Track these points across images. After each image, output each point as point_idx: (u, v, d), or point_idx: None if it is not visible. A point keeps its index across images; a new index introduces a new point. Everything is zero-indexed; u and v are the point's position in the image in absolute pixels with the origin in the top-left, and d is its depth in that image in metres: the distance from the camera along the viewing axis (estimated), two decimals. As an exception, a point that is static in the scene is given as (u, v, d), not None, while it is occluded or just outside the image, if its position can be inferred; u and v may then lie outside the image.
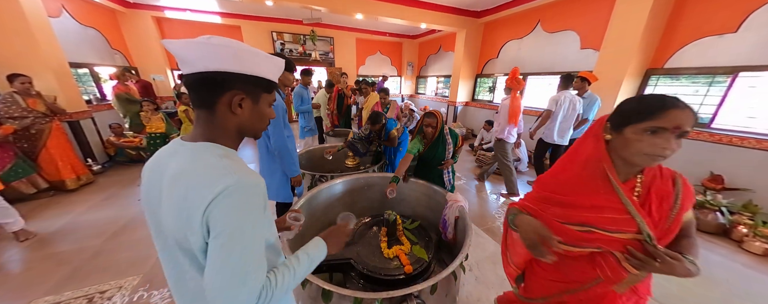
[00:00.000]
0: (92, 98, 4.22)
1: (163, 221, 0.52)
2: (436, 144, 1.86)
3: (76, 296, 1.58)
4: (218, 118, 0.54)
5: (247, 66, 0.52)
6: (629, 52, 3.03)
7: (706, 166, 2.76)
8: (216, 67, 0.50)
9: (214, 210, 0.45)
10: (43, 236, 2.16)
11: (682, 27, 2.93)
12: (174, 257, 0.54)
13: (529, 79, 4.87)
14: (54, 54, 3.07)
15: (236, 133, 0.58)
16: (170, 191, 0.50)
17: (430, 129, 1.83)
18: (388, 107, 3.55)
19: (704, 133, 2.80)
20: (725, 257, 2.09)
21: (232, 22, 5.88)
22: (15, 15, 2.73)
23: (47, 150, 2.85)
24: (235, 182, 0.47)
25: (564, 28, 4.06)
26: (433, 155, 1.89)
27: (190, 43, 0.48)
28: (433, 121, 1.81)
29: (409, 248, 1.43)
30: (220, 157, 0.51)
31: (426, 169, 1.97)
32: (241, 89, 0.53)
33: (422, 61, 8.29)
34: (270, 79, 0.57)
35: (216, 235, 0.46)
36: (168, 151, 0.56)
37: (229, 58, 0.50)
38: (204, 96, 0.53)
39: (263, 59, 0.55)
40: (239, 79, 0.52)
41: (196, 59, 0.49)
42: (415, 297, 0.93)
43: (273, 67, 0.57)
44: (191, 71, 0.50)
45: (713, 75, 2.78)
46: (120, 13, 4.89)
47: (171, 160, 0.53)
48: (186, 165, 0.50)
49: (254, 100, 0.57)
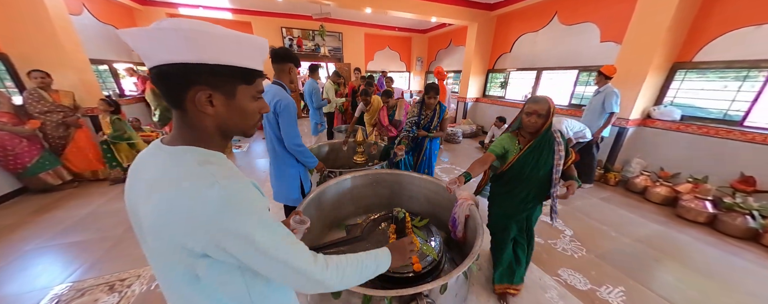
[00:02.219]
0: (111, 94, 4.37)
1: (143, 228, 0.46)
2: (539, 146, 1.28)
3: (97, 283, 1.66)
4: (190, 118, 0.47)
5: (208, 53, 0.42)
6: (654, 45, 2.85)
7: (736, 166, 2.59)
8: (170, 58, 0.41)
9: (212, 231, 0.41)
10: (68, 225, 2.27)
11: (714, 17, 2.72)
12: (158, 262, 0.50)
13: (544, 74, 4.70)
14: (75, 51, 3.18)
15: (217, 133, 0.50)
16: (147, 200, 0.43)
17: (533, 119, 1.24)
18: (395, 110, 2.92)
19: (735, 132, 2.62)
20: (754, 263, 1.97)
21: (242, 18, 5.94)
22: (39, 13, 2.84)
23: (76, 143, 3.00)
24: (218, 196, 0.41)
25: (583, 20, 3.87)
26: (534, 164, 1.29)
27: (141, 32, 0.40)
28: (541, 108, 1.21)
29: (418, 246, 1.41)
30: (201, 163, 0.45)
31: (518, 185, 1.36)
32: (205, 83, 0.44)
33: (432, 57, 8.13)
34: (246, 67, 0.47)
35: (236, 249, 0.43)
36: (148, 154, 0.50)
37: (182, 45, 0.40)
38: (168, 94, 0.45)
39: (232, 42, 0.44)
40: (200, 70, 0.42)
41: (151, 50, 0.41)
42: (425, 296, 0.91)
43: (249, 52, 0.46)
44: (150, 66, 0.42)
45: (748, 69, 2.58)
46: (136, 10, 5.02)
47: (149, 165, 0.48)
48: (164, 173, 0.44)
49: (228, 95, 0.47)
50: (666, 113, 3.07)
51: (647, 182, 3.03)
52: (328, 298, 0.98)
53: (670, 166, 3.06)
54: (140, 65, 5.06)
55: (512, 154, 1.35)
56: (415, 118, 2.07)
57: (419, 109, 2.14)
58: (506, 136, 1.38)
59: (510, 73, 5.35)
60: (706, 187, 2.60)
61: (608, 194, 3.11)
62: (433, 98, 2.03)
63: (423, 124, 2.17)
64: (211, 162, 0.46)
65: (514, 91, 5.46)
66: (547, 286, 1.70)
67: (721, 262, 1.98)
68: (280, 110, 1.40)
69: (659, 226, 2.44)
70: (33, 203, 2.63)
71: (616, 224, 2.46)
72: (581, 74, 4.06)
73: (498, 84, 5.78)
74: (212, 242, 0.42)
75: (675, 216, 2.61)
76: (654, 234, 2.32)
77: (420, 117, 2.07)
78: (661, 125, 3.13)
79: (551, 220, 1.39)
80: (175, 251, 0.43)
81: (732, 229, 2.28)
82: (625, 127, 3.26)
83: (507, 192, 1.43)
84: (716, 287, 1.74)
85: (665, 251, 2.08)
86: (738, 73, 2.66)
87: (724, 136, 2.68)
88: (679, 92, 3.09)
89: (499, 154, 1.36)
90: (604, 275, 1.81)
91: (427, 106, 2.07)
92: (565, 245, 2.12)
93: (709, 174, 2.73)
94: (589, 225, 2.43)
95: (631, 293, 1.66)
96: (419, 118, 2.07)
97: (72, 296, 1.56)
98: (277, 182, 1.66)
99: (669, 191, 2.81)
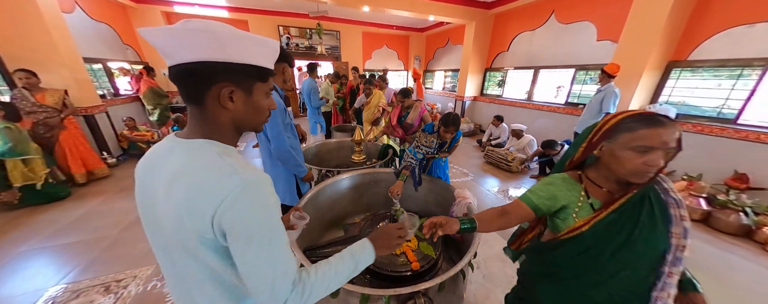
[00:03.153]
0: (106, 93, 4.32)
1: (161, 222, 0.48)
2: (640, 205, 0.70)
3: (93, 284, 1.64)
4: (209, 113, 0.49)
5: (233, 53, 0.46)
6: (650, 44, 2.87)
7: (730, 164, 2.62)
8: (197, 57, 0.44)
9: (225, 215, 0.43)
10: (62, 225, 2.24)
11: (708, 16, 2.75)
12: (173, 257, 0.51)
13: (541, 72, 4.72)
14: (68, 49, 3.13)
15: (232, 128, 0.53)
16: (168, 192, 0.46)
17: (657, 156, 0.63)
18: (409, 111, 2.63)
19: (729, 130, 2.65)
20: (748, 259, 2.00)
21: (239, 17, 5.89)
22: (30, 11, 2.79)
23: (59, 145, 2.92)
24: (240, 182, 0.44)
25: (580, 19, 3.88)
26: (626, 238, 0.68)
27: (166, 31, 0.42)
28: (672, 137, 0.56)
29: (417, 245, 1.41)
30: (219, 155, 0.47)
31: (585, 275, 0.70)
32: (230, 81, 0.47)
33: (430, 55, 8.13)
34: (263, 66, 0.51)
35: (234, 239, 0.44)
36: (162, 149, 0.52)
37: (211, 45, 0.44)
38: (190, 91, 0.47)
39: (252, 43, 0.48)
40: (225, 69, 0.46)
41: (175, 49, 0.43)
42: (422, 295, 0.91)
43: (265, 52, 0.51)
44: (172, 64, 0.45)
45: (742, 67, 2.61)
46: (130, 8, 4.95)
47: (167, 159, 0.49)
48: (185, 165, 0.46)
49: (247, 92, 0.51)
50: (661, 111, 3.09)
51: (643, 179, 3.05)
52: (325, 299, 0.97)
53: (665, 164, 3.09)
54: (136, 64, 5.00)
55: (575, 213, 0.72)
56: (430, 150, 1.83)
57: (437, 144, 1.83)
58: (560, 179, 0.77)
59: (507, 71, 5.36)
60: (701, 184, 2.63)
61: (604, 191, 3.13)
62: (452, 133, 1.75)
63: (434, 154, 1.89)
64: (229, 154, 0.49)
65: (512, 90, 5.48)
66: (544, 283, 1.71)
67: (714, 258, 2.00)
68: None
69: (654, 223, 2.47)
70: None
71: (612, 221, 2.48)
72: (578, 73, 4.08)
73: (495, 83, 5.80)
74: (219, 228, 0.44)
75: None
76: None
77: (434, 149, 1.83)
78: (656, 124, 3.16)
79: None
80: (197, 240, 0.45)
81: (726, 226, 2.31)
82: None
83: (559, 287, 0.78)
84: (711, 283, 1.76)
85: (660, 247, 2.11)
86: (732, 71, 2.69)
87: (718, 134, 2.72)
88: (674, 91, 3.12)
89: (544, 209, 0.75)
90: (601, 272, 1.82)
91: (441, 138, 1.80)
92: (561, 243, 2.13)
93: (703, 172, 2.76)
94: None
95: (627, 289, 1.68)
96: (434, 150, 1.83)
97: (67, 297, 1.55)
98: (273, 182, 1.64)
99: (664, 189, 2.83)
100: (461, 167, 3.86)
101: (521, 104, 4.99)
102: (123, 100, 4.45)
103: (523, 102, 4.99)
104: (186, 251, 0.48)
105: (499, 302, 1.56)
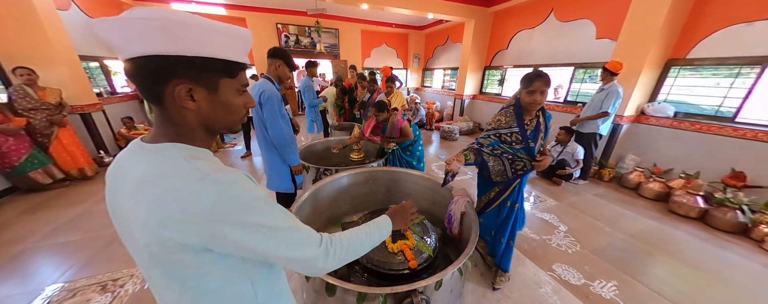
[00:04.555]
0: (103, 91, 4.29)
1: (130, 229, 0.45)
2: None
3: (90, 283, 1.64)
4: (171, 114, 0.44)
5: (188, 44, 0.39)
6: (649, 42, 2.87)
7: (727, 162, 2.63)
8: (144, 50, 0.38)
9: (219, 228, 0.40)
10: (58, 224, 2.23)
11: (706, 14, 2.74)
12: (144, 263, 0.47)
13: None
14: (64, 47, 3.10)
15: (201, 129, 0.48)
16: (136, 199, 0.42)
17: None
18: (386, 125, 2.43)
19: (727, 128, 2.65)
20: (744, 257, 2.01)
21: (236, 14, 5.84)
22: (25, 7, 2.76)
23: (59, 141, 2.92)
24: (214, 187, 0.40)
25: (579, 17, 3.87)
26: None
27: (110, 21, 0.37)
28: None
29: (414, 243, 1.41)
30: (186, 159, 0.43)
31: None
32: (185, 77, 0.41)
33: (429, 53, 8.10)
34: (229, 60, 0.44)
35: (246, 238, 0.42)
36: (128, 154, 0.47)
37: (158, 35, 0.37)
38: (146, 90, 0.42)
39: (213, 32, 0.41)
40: (179, 63, 0.40)
41: (121, 42, 0.38)
42: (419, 293, 0.91)
43: (231, 42, 0.44)
44: (122, 58, 0.39)
45: (740, 66, 2.61)
46: (127, 5, 4.90)
47: (132, 165, 0.45)
48: (150, 171, 0.42)
49: (210, 89, 0.44)
50: (660, 110, 3.10)
51: (641, 177, 3.06)
52: (323, 296, 0.97)
53: (663, 162, 3.10)
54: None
55: None
56: (515, 144, 1.36)
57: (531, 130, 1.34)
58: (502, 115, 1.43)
59: (507, 70, 5.35)
60: (698, 182, 2.64)
61: (602, 190, 3.14)
62: (542, 95, 1.27)
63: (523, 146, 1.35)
64: (198, 157, 0.44)
65: (512, 89, 5.47)
66: (542, 281, 1.72)
67: (711, 256, 2.02)
68: (264, 101, 1.49)
69: (652, 221, 2.48)
70: (23, 203, 2.58)
71: (610, 219, 2.49)
72: (577, 71, 4.07)
73: (495, 81, 5.78)
74: (212, 235, 0.41)
75: (667, 211, 2.65)
76: (647, 229, 2.35)
77: (526, 144, 1.32)
78: (654, 122, 3.16)
79: None
80: (170, 250, 0.41)
81: (722, 223, 2.32)
82: (619, 123, 3.29)
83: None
84: (707, 280, 1.77)
85: (657, 245, 2.12)
86: (730, 69, 2.69)
87: (715, 133, 2.72)
88: (673, 89, 3.12)
89: None
90: (598, 269, 1.83)
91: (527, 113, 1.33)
92: (559, 241, 2.14)
93: (701, 170, 2.77)
94: (584, 221, 2.45)
95: (624, 287, 1.69)
96: (526, 145, 1.33)
97: (64, 296, 1.54)
98: (269, 171, 1.75)
99: (662, 187, 2.84)
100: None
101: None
102: (120, 99, 4.42)
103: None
104: (152, 258, 0.44)
105: (496, 300, 1.57)
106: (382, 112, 2.25)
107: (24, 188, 2.75)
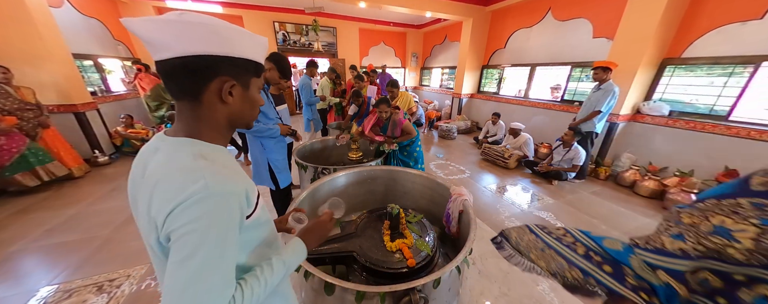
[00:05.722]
0: (97, 90, 4.23)
1: (140, 217, 0.49)
2: None
3: (85, 284, 1.62)
4: (205, 109, 0.48)
5: (234, 47, 0.46)
6: (645, 41, 2.89)
7: (720, 160, 2.67)
8: (199, 50, 0.43)
9: (173, 221, 0.40)
10: (53, 225, 2.21)
11: (701, 14, 2.77)
12: (153, 256, 0.51)
13: (537, 70, 4.73)
14: (57, 45, 3.05)
15: (226, 125, 0.52)
16: (143, 190, 0.45)
17: None
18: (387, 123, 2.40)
19: (720, 127, 2.69)
20: (736, 253, 2.04)
21: (233, 12, 5.78)
22: (15, 4, 2.71)
23: (44, 142, 2.85)
24: (201, 189, 0.40)
25: (576, 16, 3.89)
26: None
27: (159, 22, 0.41)
28: None
29: (412, 242, 1.41)
30: (195, 157, 0.45)
31: None
32: (230, 74, 0.47)
33: (427, 52, 8.10)
34: (258, 61, 0.52)
35: (175, 249, 0.40)
36: (150, 147, 0.51)
37: (212, 38, 0.44)
38: (187, 85, 0.46)
39: (248, 38, 0.49)
40: (227, 63, 0.46)
41: (171, 42, 0.42)
42: (418, 291, 0.91)
43: (258, 47, 0.52)
44: (168, 57, 0.43)
45: (733, 65, 2.64)
46: (121, 2, 4.84)
47: (152, 157, 0.48)
48: (161, 164, 0.45)
49: (245, 86, 0.51)
50: (655, 108, 3.13)
51: (636, 176, 3.10)
52: (321, 295, 0.97)
53: (658, 160, 3.14)
54: (126, 60, 4.90)
55: None
56: None
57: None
58: None
59: (504, 69, 5.36)
60: (692, 180, 2.68)
61: (598, 188, 3.17)
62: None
63: None
64: (206, 157, 0.46)
65: (509, 87, 5.49)
66: (539, 279, 1.73)
67: (705, 253, 2.04)
68: None
69: (647, 219, 2.51)
70: (15, 204, 2.54)
71: (606, 217, 2.51)
72: (574, 70, 4.10)
73: (493, 80, 5.80)
74: (166, 231, 0.41)
75: (662, 209, 2.68)
76: (642, 227, 2.38)
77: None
78: (650, 120, 3.19)
79: None
80: (159, 246, 0.44)
81: (716, 221, 2.35)
82: (615, 122, 3.32)
83: None
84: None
85: (652, 243, 2.14)
86: (724, 69, 2.72)
87: (710, 131, 2.76)
88: (668, 88, 3.15)
89: None
90: (594, 267, 1.85)
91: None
92: (556, 239, 2.15)
93: (695, 168, 2.80)
94: (580, 219, 2.48)
95: (620, 284, 1.71)
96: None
97: (59, 297, 1.52)
98: (253, 166, 1.83)
99: (657, 185, 2.88)
100: (458, 164, 3.87)
101: (518, 101, 5.00)
102: (115, 98, 4.37)
103: (519, 99, 5.00)
104: (152, 250, 0.47)
105: (494, 298, 1.58)
106: (386, 108, 2.20)
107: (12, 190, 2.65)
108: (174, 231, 0.40)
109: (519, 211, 2.62)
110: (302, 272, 0.99)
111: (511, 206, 2.72)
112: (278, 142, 1.84)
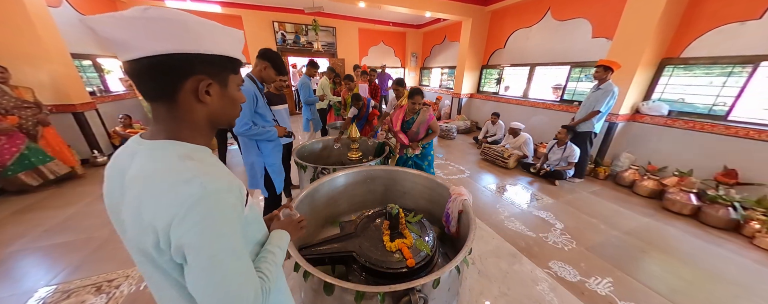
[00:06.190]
0: (96, 90, 4.22)
1: (124, 226, 0.45)
2: None
3: (84, 284, 1.62)
4: (181, 110, 0.45)
5: (206, 43, 0.43)
6: (644, 41, 2.89)
7: (719, 159, 2.67)
8: (168, 48, 0.40)
9: (179, 230, 0.38)
10: (51, 225, 2.20)
11: (700, 14, 2.77)
12: (139, 261, 0.48)
13: (537, 69, 4.73)
14: (55, 45, 3.04)
15: (207, 125, 0.50)
16: (127, 196, 0.42)
17: None
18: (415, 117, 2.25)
19: (719, 126, 2.69)
20: (735, 253, 2.05)
21: (232, 12, 5.77)
22: (14, 4, 2.70)
23: (46, 141, 2.84)
24: (198, 190, 0.39)
25: (575, 16, 3.89)
26: None
27: (120, 19, 0.38)
28: None
29: (412, 242, 1.41)
30: (182, 158, 0.43)
31: None
32: (205, 73, 0.44)
33: (427, 52, 8.10)
34: (234, 57, 0.49)
35: (192, 257, 0.39)
36: (126, 151, 0.47)
37: (182, 34, 0.40)
38: (159, 87, 0.43)
39: (222, 33, 0.46)
40: (201, 60, 0.43)
41: (136, 40, 0.39)
42: (417, 291, 0.91)
43: (234, 42, 0.49)
44: (136, 56, 0.40)
45: (732, 64, 2.65)
46: (120, 2, 4.83)
47: (130, 161, 0.45)
48: (143, 168, 0.42)
49: (222, 84, 0.48)
50: (654, 108, 3.14)
51: (635, 175, 3.10)
52: (321, 295, 0.97)
53: (657, 160, 3.14)
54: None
55: None
56: None
57: None
58: None
59: (504, 68, 5.37)
60: (691, 180, 2.68)
61: (598, 187, 3.17)
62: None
63: None
64: (192, 157, 0.44)
65: (510, 87, 5.49)
66: (539, 278, 1.73)
67: (704, 252, 2.05)
68: None
69: (646, 218, 2.51)
70: (13, 204, 2.53)
71: (606, 217, 2.52)
72: (573, 70, 4.10)
73: (492, 80, 5.80)
74: (173, 241, 0.39)
75: (661, 209, 2.68)
76: (641, 226, 2.38)
77: None
78: (649, 120, 3.20)
79: None
80: (151, 249, 0.41)
81: (715, 220, 2.36)
82: (614, 122, 3.32)
83: None
84: (700, 276, 1.80)
85: (652, 242, 2.15)
86: (723, 68, 2.73)
87: (709, 131, 2.76)
88: (667, 87, 3.16)
89: None
90: (594, 266, 1.86)
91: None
92: (555, 239, 2.16)
93: (694, 167, 2.81)
94: (580, 219, 2.48)
95: (619, 283, 1.71)
96: None
97: (58, 298, 1.52)
98: (248, 170, 1.79)
99: (656, 185, 2.88)
100: (457, 164, 3.87)
101: (517, 101, 5.01)
102: (114, 98, 4.36)
103: (519, 99, 5.01)
104: (145, 257, 0.44)
105: (494, 298, 1.58)
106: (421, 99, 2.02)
107: (12, 190, 2.67)
108: (183, 236, 0.38)
109: (518, 211, 2.62)
110: (302, 272, 0.98)
111: (511, 205, 2.72)
112: (275, 146, 1.81)
